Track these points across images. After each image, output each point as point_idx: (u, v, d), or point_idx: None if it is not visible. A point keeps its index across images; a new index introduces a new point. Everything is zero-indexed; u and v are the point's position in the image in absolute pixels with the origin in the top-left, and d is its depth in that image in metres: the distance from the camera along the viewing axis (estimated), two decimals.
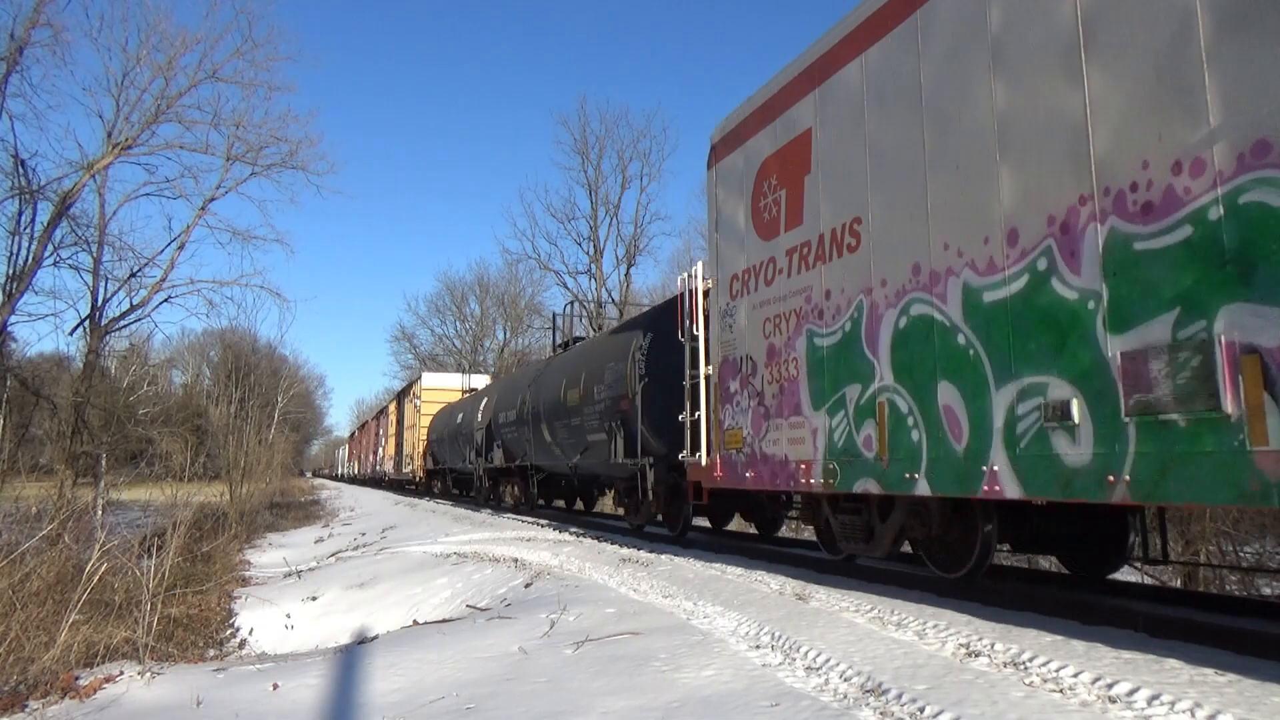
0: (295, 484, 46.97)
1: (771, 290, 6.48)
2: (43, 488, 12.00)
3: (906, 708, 3.21)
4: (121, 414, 24.21)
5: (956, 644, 4.12)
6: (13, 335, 18.65)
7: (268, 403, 51.56)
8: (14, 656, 5.16)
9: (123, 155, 18.85)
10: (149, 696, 4.63)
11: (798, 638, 4.40)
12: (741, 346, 6.90)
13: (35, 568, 6.67)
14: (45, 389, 19.04)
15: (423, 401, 27.15)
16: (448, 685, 4.19)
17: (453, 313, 52.79)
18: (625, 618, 5.34)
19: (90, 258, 19.24)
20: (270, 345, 48.07)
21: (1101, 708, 3.06)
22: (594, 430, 11.25)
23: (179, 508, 10.33)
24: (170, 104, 19.26)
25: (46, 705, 4.48)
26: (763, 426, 6.48)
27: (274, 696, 4.44)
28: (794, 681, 3.70)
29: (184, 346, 55.71)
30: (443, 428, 23.20)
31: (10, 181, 16.90)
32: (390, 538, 14.07)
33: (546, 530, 12.45)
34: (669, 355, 9.00)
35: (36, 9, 16.18)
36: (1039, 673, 3.54)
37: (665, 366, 9.16)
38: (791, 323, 6.17)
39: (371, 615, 8.28)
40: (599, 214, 39.59)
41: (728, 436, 7.03)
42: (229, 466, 21.50)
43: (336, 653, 5.50)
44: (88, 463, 16.17)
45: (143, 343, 32.70)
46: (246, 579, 11.18)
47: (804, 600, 5.58)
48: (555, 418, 12.86)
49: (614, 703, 3.62)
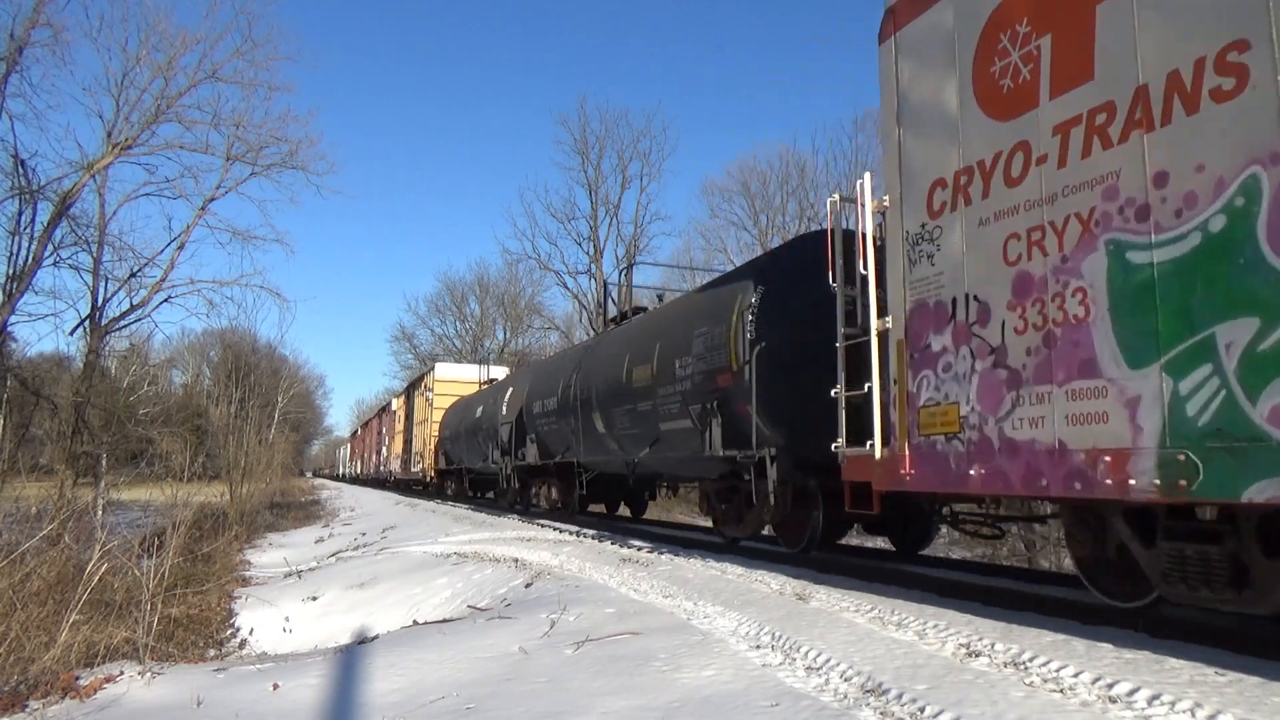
0: (295, 484, 46.98)
1: (1020, 192, 4.45)
2: (43, 488, 11.99)
3: (907, 708, 3.21)
4: (121, 414, 24.22)
5: (957, 644, 4.12)
6: (13, 335, 18.64)
7: (268, 403, 51.58)
8: (14, 656, 5.15)
9: (123, 155, 18.86)
10: (149, 696, 4.63)
11: (798, 638, 4.40)
12: (953, 284, 4.84)
13: (35, 568, 6.67)
14: (45, 389, 19.03)
15: (435, 395, 24.91)
16: (448, 685, 4.19)
17: (453, 313, 52.91)
18: (625, 618, 5.34)
19: (90, 258, 19.25)
20: (270, 345, 48.07)
21: (1102, 708, 3.06)
22: (672, 416, 9.04)
23: (179, 508, 10.33)
24: (170, 104, 19.27)
25: (47, 705, 4.48)
26: (1004, 399, 4.44)
27: (274, 696, 4.44)
28: (794, 681, 3.70)
29: (184, 346, 55.75)
30: (458, 423, 21.00)
31: (10, 181, 16.90)
32: (390, 538, 14.08)
33: (546, 530, 12.45)
34: (792, 313, 7.27)
35: (36, 9, 16.19)
36: (1039, 673, 3.54)
37: (787, 329, 7.25)
38: (1071, 235, 4.13)
39: (371, 615, 8.28)
40: (599, 214, 39.69)
41: (928, 417, 5.01)
42: (229, 466, 21.51)
43: (336, 653, 5.51)
44: (88, 463, 16.17)
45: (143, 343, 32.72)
46: (246, 579, 11.18)
47: (804, 600, 5.58)
48: (614, 403, 10.49)
49: (614, 703, 3.62)
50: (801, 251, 7.86)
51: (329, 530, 19.04)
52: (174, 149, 19.70)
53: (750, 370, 7.38)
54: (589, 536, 11.06)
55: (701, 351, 8.32)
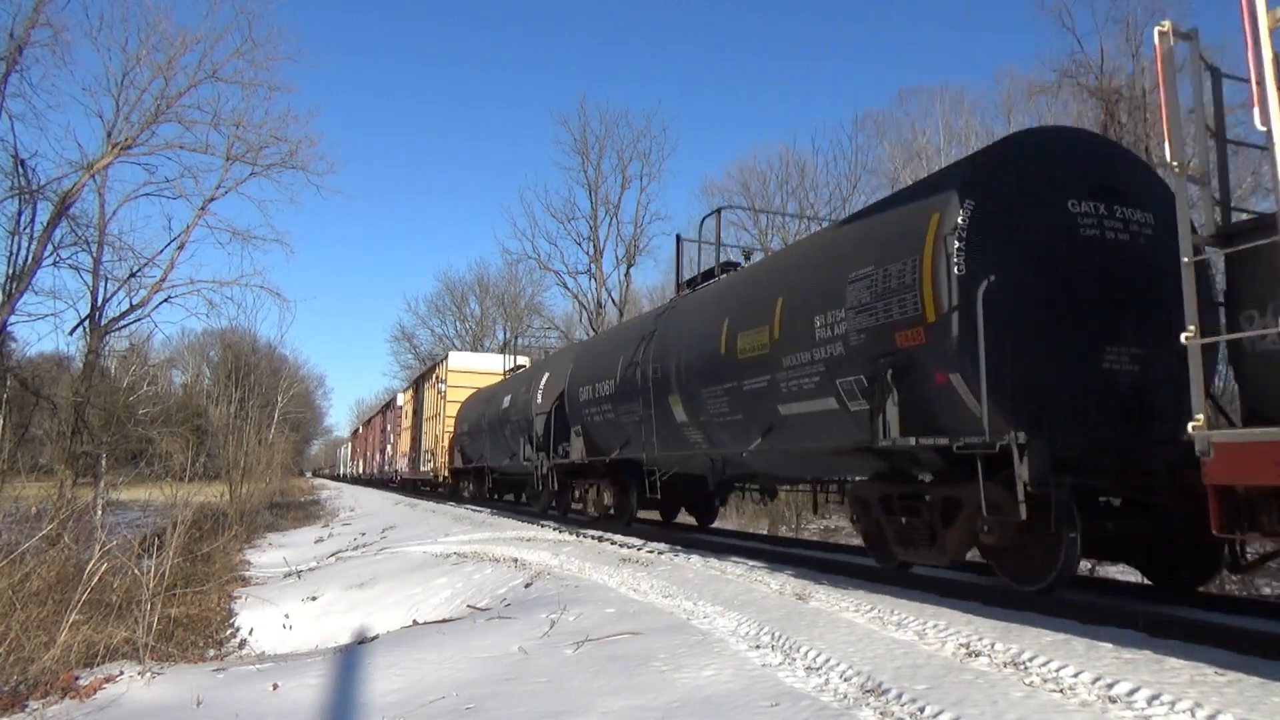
0: (295, 484, 47.00)
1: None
2: (43, 488, 11.99)
3: (906, 708, 3.21)
4: (121, 414, 24.21)
5: (956, 644, 4.12)
6: (13, 335, 18.66)
7: (268, 403, 51.60)
8: (14, 656, 5.15)
9: (123, 155, 18.85)
10: (149, 696, 4.63)
11: (798, 638, 4.40)
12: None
13: (35, 568, 6.67)
14: (45, 389, 19.03)
15: (449, 386, 22.52)
16: (448, 685, 4.19)
17: (453, 313, 52.90)
18: (625, 618, 5.34)
19: (90, 258, 19.24)
20: (270, 345, 48.05)
21: (1101, 707, 3.06)
22: (803, 394, 6.66)
23: (179, 508, 10.32)
24: (170, 104, 19.25)
25: (46, 705, 4.48)
26: None
27: (274, 696, 4.44)
28: (794, 681, 3.70)
29: (184, 346, 55.71)
30: (479, 416, 18.58)
31: (10, 181, 16.90)
32: (390, 538, 14.08)
33: (546, 530, 12.44)
34: (1029, 237, 5.16)
35: (36, 9, 16.19)
36: (1039, 672, 3.54)
37: (1022, 260, 5.10)
38: None
39: (371, 615, 8.28)
40: (599, 214, 39.60)
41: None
42: (229, 466, 21.52)
43: (336, 653, 5.50)
44: (88, 463, 16.17)
45: (143, 343, 32.68)
46: (246, 579, 11.19)
47: (804, 600, 5.58)
48: (704, 382, 8.17)
49: (614, 703, 3.62)
50: (1040, 146, 5.69)
51: (329, 530, 19.06)
52: (174, 149, 19.69)
53: (962, 321, 5.09)
54: (589, 537, 11.06)
55: (865, 301, 5.88)
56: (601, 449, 11.43)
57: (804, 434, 6.88)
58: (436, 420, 23.39)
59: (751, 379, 7.33)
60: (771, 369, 6.98)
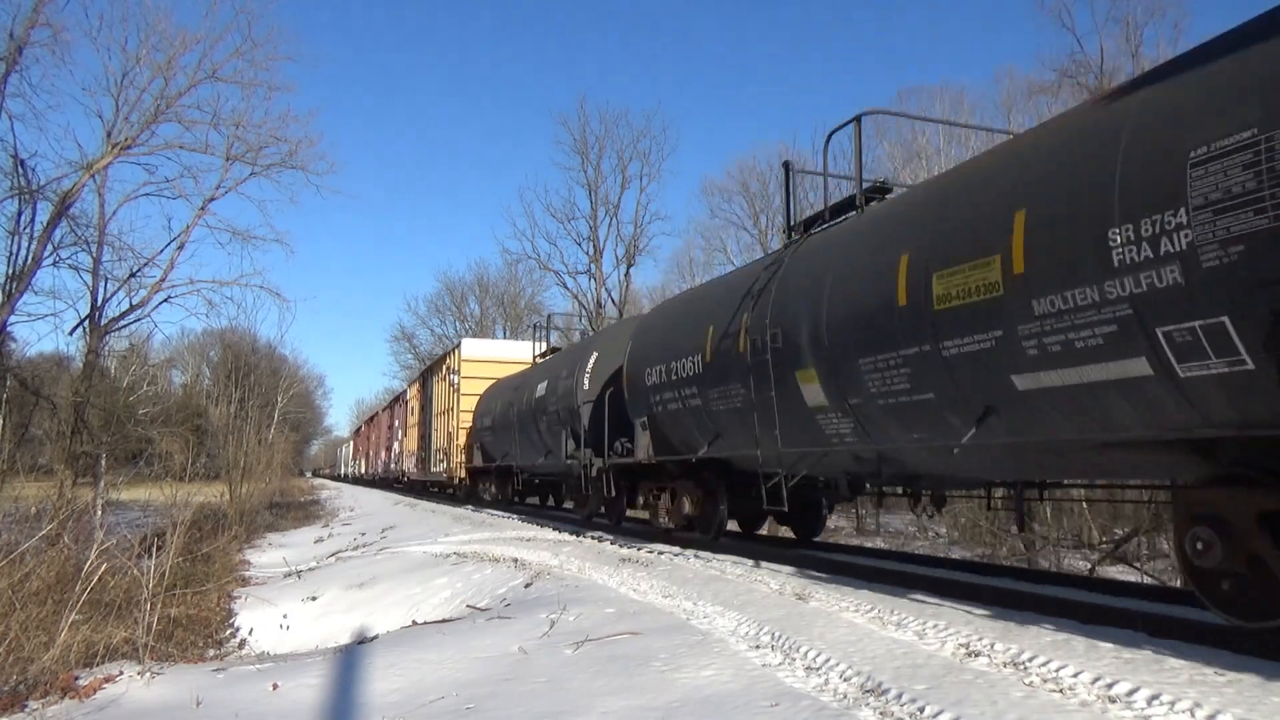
0: (295, 484, 47.02)
1: None
2: (42, 488, 12.00)
3: (906, 708, 3.21)
4: (121, 414, 24.22)
5: (956, 644, 4.12)
6: (12, 335, 18.66)
7: (267, 403, 51.56)
8: (14, 656, 5.15)
9: (122, 155, 18.83)
10: (149, 696, 4.63)
11: (797, 638, 4.40)
12: None
13: (35, 568, 6.67)
14: (45, 389, 19.03)
15: (462, 378, 20.13)
16: (447, 685, 4.19)
17: (453, 313, 52.89)
18: (625, 618, 5.34)
19: (90, 258, 19.24)
20: (270, 345, 48.00)
21: (1101, 708, 3.06)
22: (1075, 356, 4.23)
23: (179, 508, 10.32)
24: (170, 104, 19.24)
25: (46, 705, 4.48)
26: None
27: (274, 696, 4.44)
28: (794, 681, 3.70)
29: (184, 346, 55.75)
30: (504, 408, 16.10)
31: (10, 181, 16.89)
32: (390, 538, 14.08)
33: (546, 530, 12.44)
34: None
35: (36, 9, 16.17)
36: (1039, 672, 3.54)
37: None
38: None
39: (371, 615, 8.28)
40: (599, 214, 39.59)
41: None
42: (229, 466, 21.51)
43: (336, 653, 5.50)
44: (87, 463, 16.17)
45: (143, 343, 32.69)
46: (246, 579, 11.19)
47: (804, 600, 5.58)
48: (866, 347, 5.74)
49: (614, 703, 3.62)
50: None
51: (328, 530, 19.06)
52: (174, 149, 19.68)
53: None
54: (589, 537, 11.06)
55: (1239, 190, 3.37)
56: (675, 445, 9.17)
57: (1064, 416, 4.50)
58: (448, 416, 21.10)
59: (959, 339, 4.94)
60: (1005, 321, 4.58)
